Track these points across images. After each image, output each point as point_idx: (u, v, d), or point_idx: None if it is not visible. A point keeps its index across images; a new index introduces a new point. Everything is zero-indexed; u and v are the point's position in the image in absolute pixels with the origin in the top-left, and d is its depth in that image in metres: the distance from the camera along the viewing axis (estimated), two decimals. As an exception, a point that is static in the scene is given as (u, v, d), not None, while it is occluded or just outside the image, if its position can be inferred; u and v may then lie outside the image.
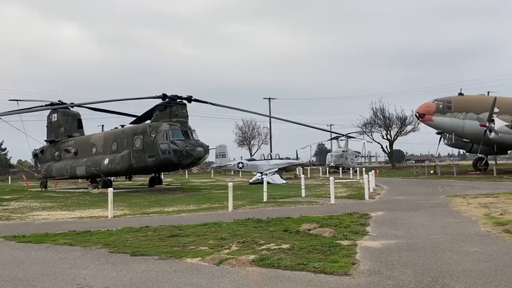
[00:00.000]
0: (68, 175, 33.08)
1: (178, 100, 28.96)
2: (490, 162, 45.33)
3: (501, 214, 11.69)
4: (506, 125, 34.08)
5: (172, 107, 28.54)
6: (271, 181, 29.55)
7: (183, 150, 26.75)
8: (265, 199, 17.95)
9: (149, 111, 29.76)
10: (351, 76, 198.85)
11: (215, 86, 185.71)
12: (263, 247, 8.00)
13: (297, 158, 45.76)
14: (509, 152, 48.39)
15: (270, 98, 68.78)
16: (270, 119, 65.93)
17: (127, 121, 33.01)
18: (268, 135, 72.85)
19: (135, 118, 32.07)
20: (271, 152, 52.79)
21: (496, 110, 35.10)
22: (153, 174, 32.64)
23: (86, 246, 8.74)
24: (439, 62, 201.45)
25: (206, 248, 8.12)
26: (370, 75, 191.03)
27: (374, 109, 65.66)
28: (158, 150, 26.95)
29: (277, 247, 7.94)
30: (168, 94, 28.66)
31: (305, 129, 63.80)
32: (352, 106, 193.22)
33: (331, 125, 79.87)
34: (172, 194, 24.80)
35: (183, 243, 8.67)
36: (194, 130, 29.03)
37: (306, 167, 54.66)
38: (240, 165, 40.14)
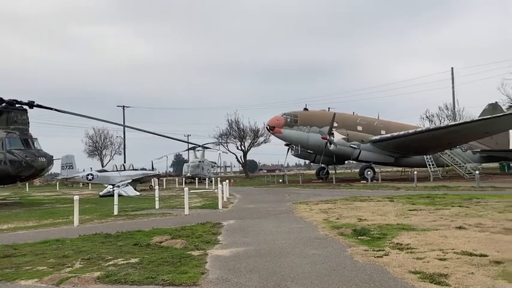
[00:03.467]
0: None
1: (17, 105, 26.11)
2: (330, 171, 50.25)
3: (337, 219, 12.95)
4: (343, 138, 38.10)
5: (10, 113, 25.58)
6: (123, 193, 28.45)
7: (22, 160, 24.19)
8: (116, 212, 17.16)
9: (-18, 116, 26.29)
10: (208, 87, 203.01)
11: (64, 91, 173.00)
12: (110, 263, 7.62)
13: (153, 169, 44.81)
14: (346, 162, 54.01)
15: (124, 106, 66.29)
16: (124, 128, 63.55)
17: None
18: (122, 145, 70.03)
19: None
20: (124, 162, 50.89)
21: (335, 124, 39.02)
22: (-15, 188, 28.98)
23: None
24: (291, 77, 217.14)
25: (45, 267, 7.45)
26: (226, 88, 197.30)
27: (229, 121, 68.04)
28: (-8, 160, 23.96)
29: (125, 262, 7.63)
30: (5, 98, 25.67)
31: (162, 139, 62.93)
32: (209, 117, 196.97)
33: (188, 136, 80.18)
34: (8, 209, 22.23)
35: (18, 263, 7.84)
36: (36, 139, 26.44)
37: (162, 178, 53.76)
38: (90, 176, 37.73)
